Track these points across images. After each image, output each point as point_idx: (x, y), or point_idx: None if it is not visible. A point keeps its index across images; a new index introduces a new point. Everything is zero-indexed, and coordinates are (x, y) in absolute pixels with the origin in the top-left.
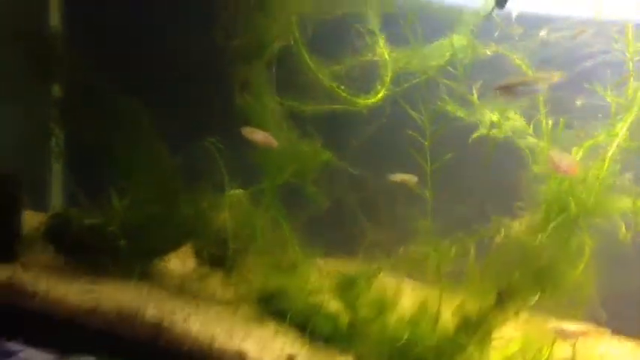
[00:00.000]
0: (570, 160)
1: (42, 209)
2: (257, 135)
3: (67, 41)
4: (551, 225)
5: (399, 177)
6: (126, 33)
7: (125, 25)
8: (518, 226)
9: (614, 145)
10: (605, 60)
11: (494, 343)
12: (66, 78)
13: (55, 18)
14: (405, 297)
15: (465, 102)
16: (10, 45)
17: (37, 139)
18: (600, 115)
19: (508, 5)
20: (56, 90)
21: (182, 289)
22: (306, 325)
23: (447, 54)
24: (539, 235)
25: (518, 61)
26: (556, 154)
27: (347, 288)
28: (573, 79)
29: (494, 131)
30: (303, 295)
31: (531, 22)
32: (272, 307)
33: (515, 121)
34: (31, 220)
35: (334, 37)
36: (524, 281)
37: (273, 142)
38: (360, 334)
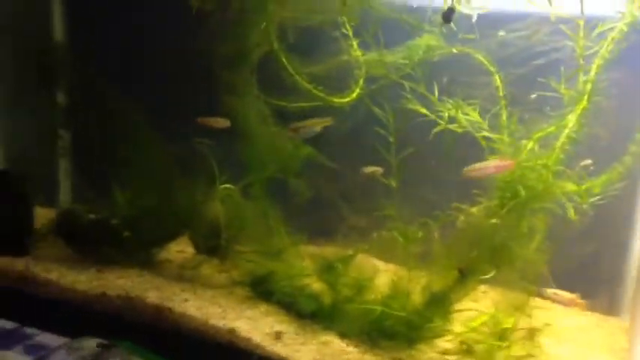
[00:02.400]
0: (493, 163)
1: (51, 205)
2: (211, 121)
3: (69, 50)
4: (505, 209)
5: (369, 169)
6: (122, 41)
7: (122, 31)
8: (476, 212)
9: (564, 135)
10: (558, 57)
11: (459, 315)
12: (69, 84)
13: (58, 29)
14: (379, 277)
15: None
16: (18, 57)
17: (45, 141)
18: (549, 108)
19: (471, 7)
20: (61, 95)
21: (180, 276)
22: (292, 304)
23: (420, 53)
24: (494, 219)
25: (481, 59)
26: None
27: (328, 270)
28: (529, 75)
29: (453, 126)
30: (290, 278)
31: (492, 22)
32: (262, 290)
33: (471, 115)
34: (42, 215)
35: (313, 42)
36: (482, 259)
37: (226, 123)
38: (341, 312)
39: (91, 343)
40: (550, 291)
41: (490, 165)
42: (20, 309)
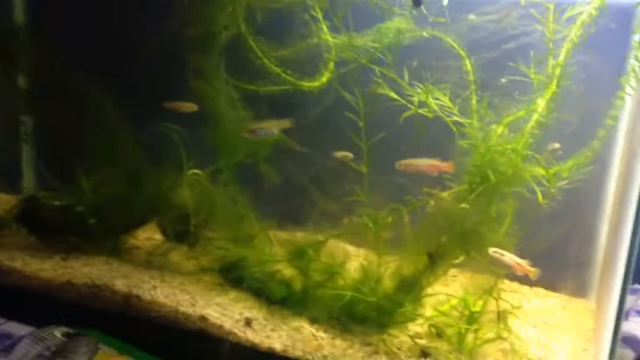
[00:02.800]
0: (428, 162)
1: (14, 192)
2: (178, 105)
3: (30, 33)
4: (474, 194)
5: (340, 154)
6: (87, 23)
7: (86, 15)
8: (446, 196)
9: (533, 119)
10: (528, 41)
11: (429, 300)
12: (31, 68)
13: (18, 11)
14: (351, 262)
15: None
16: None
17: (6, 127)
18: (517, 93)
19: None
20: (22, 79)
21: (149, 263)
22: (262, 291)
23: (389, 36)
24: (464, 204)
25: (451, 42)
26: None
27: (298, 256)
28: (498, 59)
29: (423, 110)
30: (260, 264)
31: (462, 6)
32: (232, 276)
33: (441, 100)
34: (5, 203)
35: (282, 25)
36: (451, 244)
37: (193, 107)
38: (312, 297)
39: (57, 332)
40: (493, 250)
41: (424, 163)
42: None
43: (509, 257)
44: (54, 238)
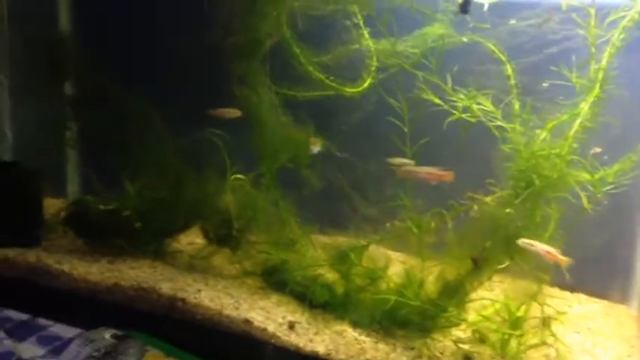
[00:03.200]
0: (428, 170)
1: (60, 196)
2: (222, 111)
3: (76, 42)
4: (519, 199)
5: (397, 161)
6: (132, 32)
7: (131, 25)
8: (490, 201)
9: (577, 123)
10: (570, 45)
11: (472, 305)
12: (77, 76)
13: (64, 20)
14: (393, 267)
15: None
16: (26, 49)
17: (54, 133)
18: (561, 97)
19: None
20: (68, 87)
21: (192, 266)
22: (305, 295)
23: (430, 41)
24: (508, 208)
25: (492, 47)
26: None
27: (341, 260)
28: (540, 64)
29: (466, 115)
30: (302, 268)
31: (503, 11)
32: (274, 280)
33: (484, 105)
34: (52, 207)
35: (324, 31)
36: (496, 249)
37: (236, 114)
38: (354, 302)
39: (106, 335)
40: (523, 241)
41: (423, 171)
42: (33, 300)
43: (540, 246)
44: (101, 241)
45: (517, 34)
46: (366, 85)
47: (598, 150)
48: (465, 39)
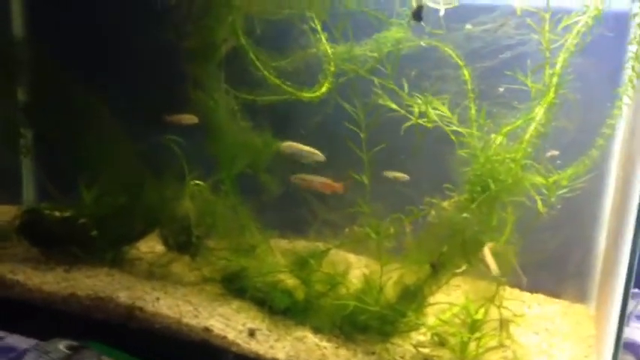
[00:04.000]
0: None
1: (17, 203)
2: (179, 118)
3: (29, 45)
4: (475, 203)
5: (391, 174)
6: (85, 35)
7: (84, 27)
8: (447, 206)
9: (531, 128)
10: (524, 50)
11: (432, 308)
12: (31, 81)
13: (17, 23)
14: (354, 271)
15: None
16: None
17: (6, 139)
18: (516, 102)
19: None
20: (22, 92)
21: (151, 274)
22: (265, 301)
23: (388, 45)
24: (465, 213)
25: (449, 51)
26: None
27: (301, 266)
28: (496, 68)
29: (422, 120)
30: (262, 274)
31: (459, 16)
32: (234, 287)
33: (441, 110)
34: (6, 214)
35: (281, 36)
36: (453, 253)
37: (193, 120)
38: (315, 307)
39: (60, 345)
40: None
41: (317, 181)
42: None
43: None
44: (56, 250)
45: (473, 39)
46: (323, 90)
47: (555, 153)
48: (422, 43)
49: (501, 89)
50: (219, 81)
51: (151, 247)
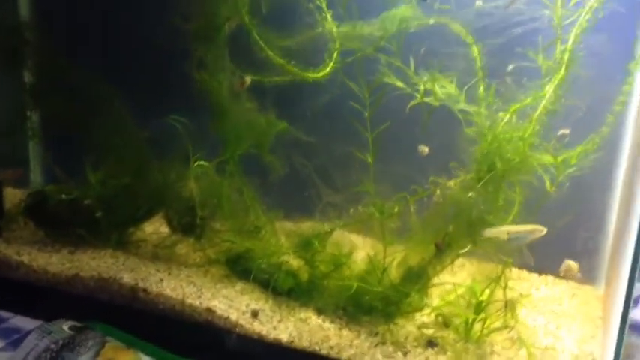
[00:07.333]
0: None
1: (22, 187)
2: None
3: (35, 28)
4: (481, 183)
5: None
6: (91, 17)
7: (91, 9)
8: (452, 185)
9: (541, 105)
10: (535, 26)
11: (436, 289)
12: (37, 64)
13: (24, 6)
14: (357, 253)
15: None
16: None
17: (13, 122)
18: (525, 79)
19: None
20: (28, 75)
21: (155, 255)
22: (269, 282)
23: (396, 23)
24: (471, 192)
25: (458, 29)
26: None
27: (305, 247)
28: (506, 45)
29: (429, 98)
30: (267, 255)
31: None
32: (239, 268)
33: (448, 88)
34: (12, 197)
35: (285, 15)
36: (459, 233)
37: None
38: (319, 288)
39: (64, 326)
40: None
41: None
42: None
43: None
44: (61, 231)
45: (483, 16)
46: (328, 69)
47: (566, 132)
48: (431, 21)
49: (511, 67)
50: (224, 61)
51: (155, 228)
